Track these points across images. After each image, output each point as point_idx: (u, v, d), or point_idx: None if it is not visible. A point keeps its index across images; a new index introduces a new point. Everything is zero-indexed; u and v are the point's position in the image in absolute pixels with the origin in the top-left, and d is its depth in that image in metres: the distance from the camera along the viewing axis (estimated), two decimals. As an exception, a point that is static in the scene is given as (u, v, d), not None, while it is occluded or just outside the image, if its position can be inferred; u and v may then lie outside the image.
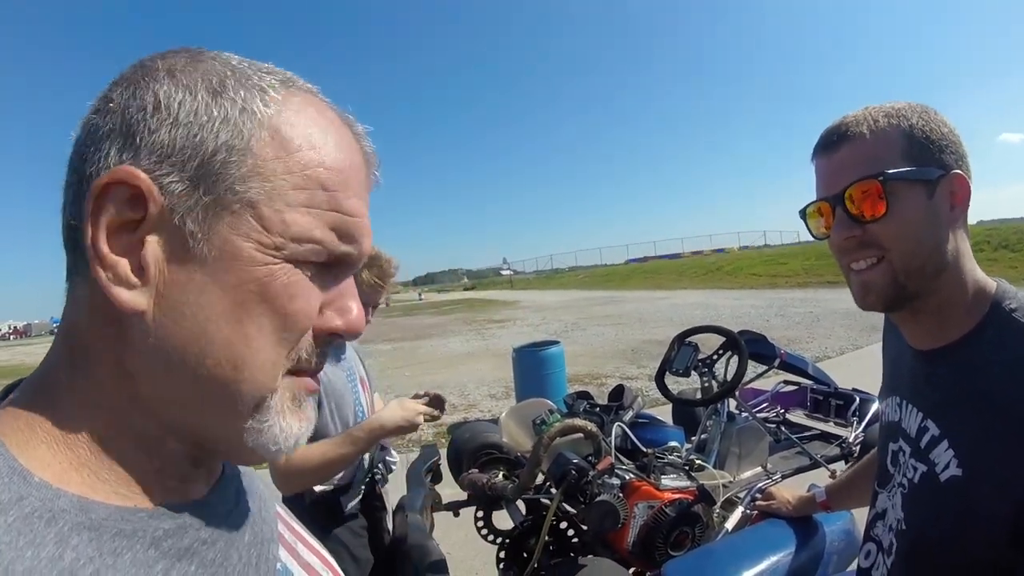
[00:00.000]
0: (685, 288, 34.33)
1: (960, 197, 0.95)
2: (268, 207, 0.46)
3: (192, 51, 0.49)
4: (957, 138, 0.96)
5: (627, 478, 1.89)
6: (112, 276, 0.43)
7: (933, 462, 0.96)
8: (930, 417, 0.99)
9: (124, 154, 0.44)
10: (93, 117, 0.46)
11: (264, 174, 0.47)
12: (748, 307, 19.47)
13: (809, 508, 1.82)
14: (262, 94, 0.48)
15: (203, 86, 0.46)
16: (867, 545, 1.17)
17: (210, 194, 0.45)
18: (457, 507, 2.42)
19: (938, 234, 0.94)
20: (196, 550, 0.48)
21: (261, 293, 0.47)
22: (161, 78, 0.46)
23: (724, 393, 2.41)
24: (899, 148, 0.94)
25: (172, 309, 0.45)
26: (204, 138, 0.45)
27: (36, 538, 0.38)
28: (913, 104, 0.98)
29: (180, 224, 0.45)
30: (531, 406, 2.55)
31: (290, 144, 0.48)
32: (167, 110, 0.45)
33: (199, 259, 0.45)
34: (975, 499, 0.88)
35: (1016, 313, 0.91)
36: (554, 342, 7.69)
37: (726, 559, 1.67)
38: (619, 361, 11.47)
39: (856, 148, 0.96)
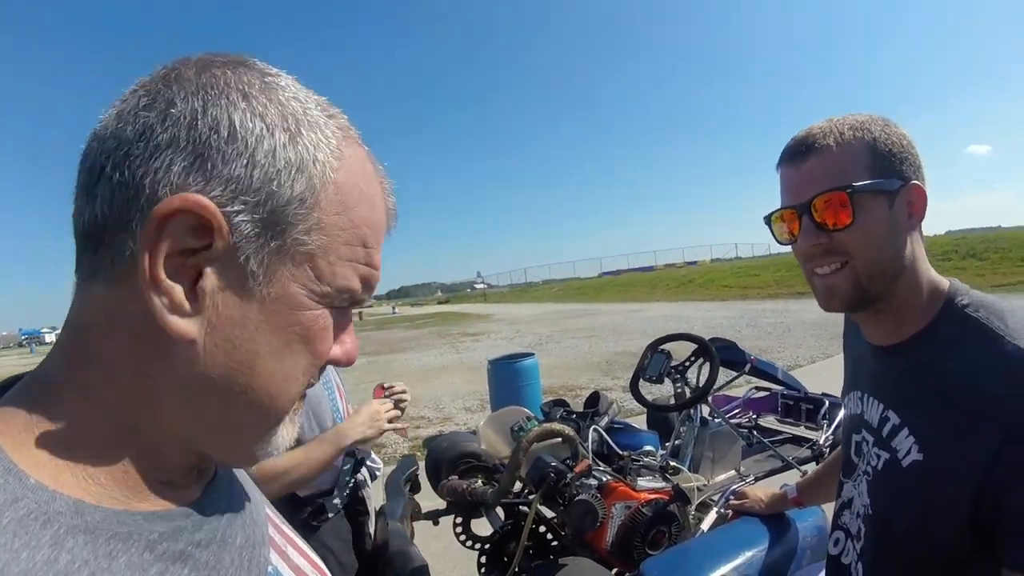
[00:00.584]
0: (658, 300, 34.53)
1: (917, 206, 1.00)
2: (323, 259, 0.49)
3: (258, 68, 0.49)
4: (914, 149, 1.01)
5: (604, 480, 1.92)
6: (168, 303, 0.44)
7: (895, 449, 1.01)
8: (891, 408, 1.04)
9: (191, 176, 0.44)
10: (146, 115, 0.44)
11: (324, 228, 0.49)
12: (720, 318, 19.64)
13: (781, 505, 1.87)
14: (329, 144, 0.50)
15: (279, 123, 0.47)
16: (835, 533, 1.22)
17: (277, 240, 0.47)
18: (436, 515, 2.43)
19: (898, 240, 0.99)
20: (190, 553, 0.48)
21: (304, 335, 0.50)
22: (235, 99, 0.46)
23: (697, 398, 2.45)
24: (863, 160, 0.98)
25: (225, 341, 0.46)
26: (280, 184, 0.46)
27: (32, 540, 0.38)
28: (875, 116, 1.02)
29: (243, 263, 0.46)
30: (509, 414, 2.58)
31: (348, 202, 0.50)
32: (244, 142, 0.45)
33: (256, 298, 0.47)
34: (935, 483, 0.92)
35: (968, 308, 0.97)
36: (528, 354, 7.70)
37: (702, 556, 1.70)
38: (593, 373, 11.50)
39: (823, 160, 1.00)
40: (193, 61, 0.48)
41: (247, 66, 0.49)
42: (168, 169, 0.43)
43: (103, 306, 0.46)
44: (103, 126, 0.46)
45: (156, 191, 0.43)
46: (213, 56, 0.49)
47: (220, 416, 0.49)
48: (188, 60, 0.48)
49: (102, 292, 0.46)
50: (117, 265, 0.44)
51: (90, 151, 0.46)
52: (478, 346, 18.99)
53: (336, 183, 0.50)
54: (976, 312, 0.96)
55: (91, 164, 0.45)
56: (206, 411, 0.48)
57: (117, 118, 0.45)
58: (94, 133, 0.46)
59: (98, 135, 0.46)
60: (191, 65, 0.47)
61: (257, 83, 0.48)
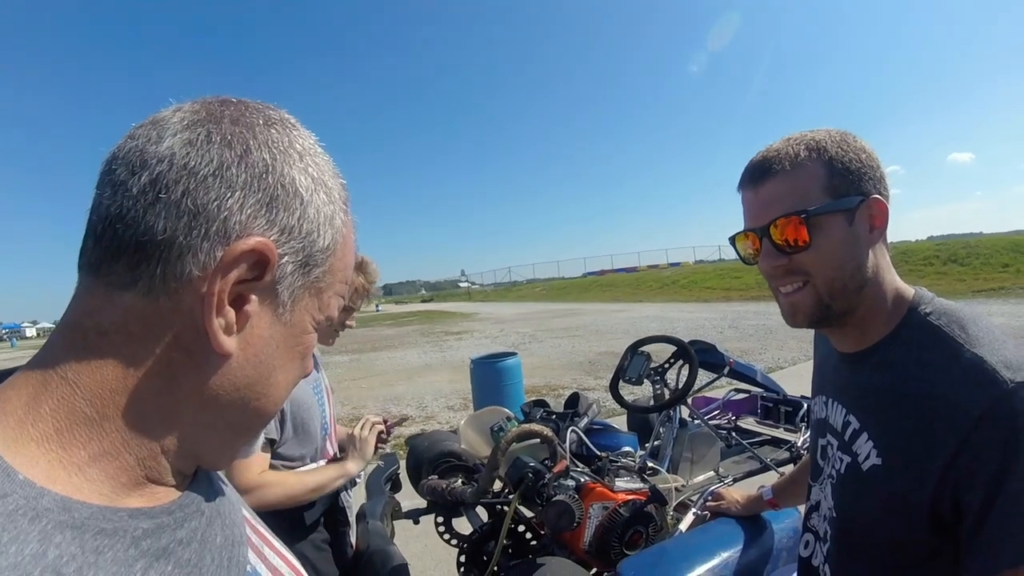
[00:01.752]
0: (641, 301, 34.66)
1: (879, 219, 1.01)
2: (326, 294, 0.59)
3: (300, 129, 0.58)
4: (874, 162, 1.02)
5: (582, 480, 1.93)
6: (224, 324, 0.50)
7: (856, 453, 1.03)
8: (852, 412, 1.07)
9: (258, 219, 0.51)
10: (223, 154, 0.50)
11: (333, 270, 0.59)
12: (703, 319, 19.76)
13: (757, 507, 1.89)
14: (344, 208, 0.60)
15: (321, 182, 0.56)
16: (805, 536, 1.24)
17: (305, 277, 0.56)
18: (417, 515, 2.43)
19: (858, 256, 1.01)
20: (173, 550, 0.49)
21: (302, 352, 0.60)
22: (295, 158, 0.54)
23: (676, 400, 2.47)
24: (820, 181, 1.00)
25: (254, 357, 0.54)
26: (318, 236, 0.56)
27: (20, 535, 0.39)
28: (832, 133, 1.04)
29: (279, 292, 0.54)
30: (489, 414, 2.59)
31: (346, 252, 0.61)
32: (300, 198, 0.54)
33: (281, 322, 0.55)
34: (894, 486, 0.95)
35: (930, 317, 0.99)
36: (511, 354, 7.69)
37: (679, 556, 1.71)
38: (576, 372, 11.54)
39: (780, 183, 1.02)
40: (255, 110, 0.55)
41: (297, 129, 0.57)
42: (241, 209, 0.50)
43: (138, 314, 0.48)
44: (167, 149, 0.49)
45: (227, 225, 0.49)
46: (267, 109, 0.56)
47: (230, 420, 0.55)
48: (248, 107, 0.55)
49: (137, 301, 0.48)
50: (169, 281, 0.48)
51: (146, 165, 0.48)
52: (461, 345, 18.98)
53: (343, 236, 0.60)
54: (938, 320, 0.98)
55: (152, 181, 0.48)
56: (222, 416, 0.54)
57: (187, 146, 0.49)
58: (154, 152, 0.49)
59: (161, 155, 0.49)
60: (255, 115, 0.54)
61: (307, 146, 0.57)
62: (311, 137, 0.58)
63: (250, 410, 0.56)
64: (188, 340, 0.49)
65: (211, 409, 0.53)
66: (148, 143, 0.49)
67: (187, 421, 0.52)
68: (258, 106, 0.56)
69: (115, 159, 0.50)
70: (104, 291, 0.48)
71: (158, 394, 0.49)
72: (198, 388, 0.51)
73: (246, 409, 0.55)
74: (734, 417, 3.63)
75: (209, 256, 0.48)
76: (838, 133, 1.04)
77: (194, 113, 0.52)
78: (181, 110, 0.52)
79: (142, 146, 0.49)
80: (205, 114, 0.52)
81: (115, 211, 0.48)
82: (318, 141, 0.59)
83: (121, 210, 0.48)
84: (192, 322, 0.49)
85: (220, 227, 0.49)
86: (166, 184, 0.48)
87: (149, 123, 0.51)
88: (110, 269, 0.48)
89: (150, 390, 0.49)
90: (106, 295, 0.48)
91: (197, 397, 0.51)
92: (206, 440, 0.55)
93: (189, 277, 0.48)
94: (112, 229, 0.48)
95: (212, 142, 0.50)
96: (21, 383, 0.47)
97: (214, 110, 0.52)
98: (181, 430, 0.52)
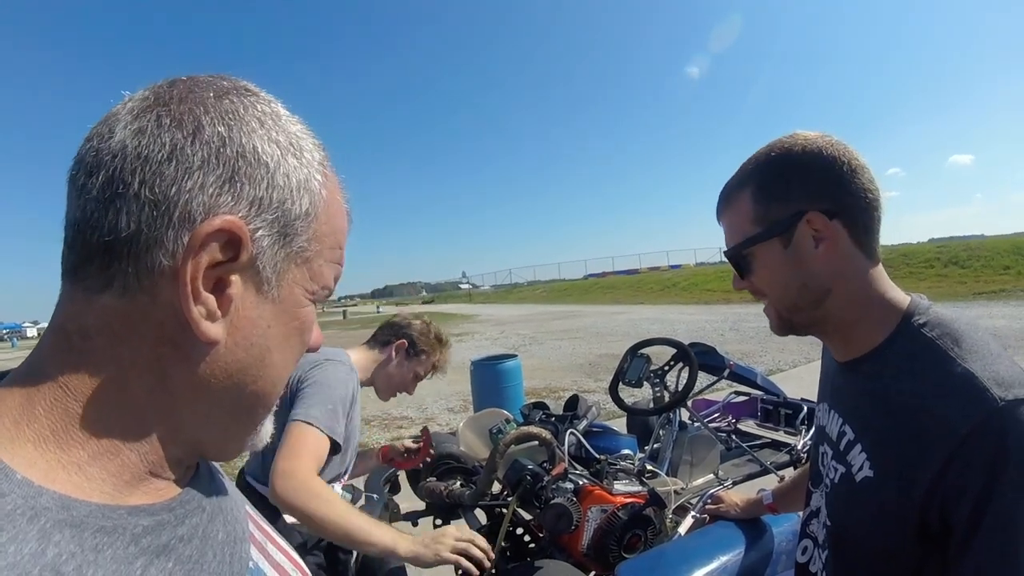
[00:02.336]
0: (642, 303, 34.67)
1: (824, 232, 1.00)
2: (316, 263, 0.56)
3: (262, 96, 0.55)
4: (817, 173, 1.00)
5: (580, 483, 1.92)
6: (204, 312, 0.48)
7: (850, 463, 1.02)
8: (847, 422, 1.06)
9: (222, 196, 0.48)
10: (175, 136, 0.47)
11: (319, 237, 0.56)
12: (703, 322, 19.77)
13: (757, 511, 1.88)
14: (319, 164, 0.56)
15: (288, 148, 0.53)
16: (804, 541, 1.23)
17: (288, 248, 0.53)
18: (415, 517, 2.43)
19: (803, 273, 1.02)
20: (173, 547, 0.49)
21: (300, 327, 0.57)
22: (254, 126, 0.51)
23: (676, 402, 2.46)
24: (747, 215, 1.05)
25: (243, 339, 0.52)
26: (292, 203, 0.53)
27: (19, 534, 0.39)
28: (773, 147, 1.05)
29: (260, 270, 0.52)
30: (488, 416, 2.58)
31: (332, 213, 0.58)
32: (265, 167, 0.51)
33: (269, 299, 0.53)
34: (885, 498, 0.94)
35: (924, 328, 0.97)
36: (511, 356, 7.70)
37: (678, 560, 1.71)
38: (576, 375, 11.55)
39: (725, 219, 1.11)
40: (205, 83, 0.52)
41: (254, 94, 0.54)
42: (202, 189, 0.47)
43: (117, 314, 0.47)
44: (119, 142, 0.47)
45: (190, 209, 0.47)
46: (220, 80, 0.53)
47: (229, 407, 0.54)
48: (198, 82, 0.52)
49: (115, 301, 0.47)
50: (142, 277, 0.47)
51: (101, 164, 0.47)
52: (462, 346, 18.96)
53: (326, 200, 0.57)
54: (931, 332, 0.96)
55: (108, 179, 0.47)
56: (218, 403, 0.53)
57: (138, 135, 0.47)
58: (107, 147, 0.47)
59: (114, 150, 0.47)
60: (205, 88, 0.51)
61: (268, 111, 0.53)
62: (273, 102, 0.55)
63: (248, 394, 0.54)
64: (173, 332, 0.48)
65: (207, 398, 0.52)
66: (101, 141, 0.48)
67: (185, 413, 0.51)
68: (208, 79, 0.53)
69: (75, 164, 0.49)
70: (83, 295, 0.48)
71: (151, 389, 0.49)
72: (190, 379, 0.50)
73: (244, 394, 0.54)
74: (734, 420, 3.63)
75: (177, 244, 0.46)
76: (775, 147, 1.05)
77: (143, 100, 0.50)
78: (132, 99, 0.50)
79: (96, 145, 0.48)
80: (153, 99, 0.49)
81: (80, 216, 0.47)
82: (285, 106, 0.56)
83: (85, 213, 0.47)
84: (174, 314, 0.47)
85: (183, 212, 0.47)
86: (123, 178, 0.46)
87: (102, 120, 0.50)
88: (85, 273, 0.48)
89: (142, 386, 0.48)
90: (85, 299, 0.48)
91: (191, 388, 0.51)
92: (208, 430, 0.54)
93: (161, 269, 0.47)
94: (80, 235, 0.47)
95: (162, 126, 0.47)
96: (14, 386, 0.47)
97: (162, 93, 0.50)
98: (180, 422, 0.51)
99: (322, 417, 1.80)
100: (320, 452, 1.76)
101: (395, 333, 2.33)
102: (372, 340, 2.36)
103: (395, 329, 2.35)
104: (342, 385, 1.96)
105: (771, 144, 1.05)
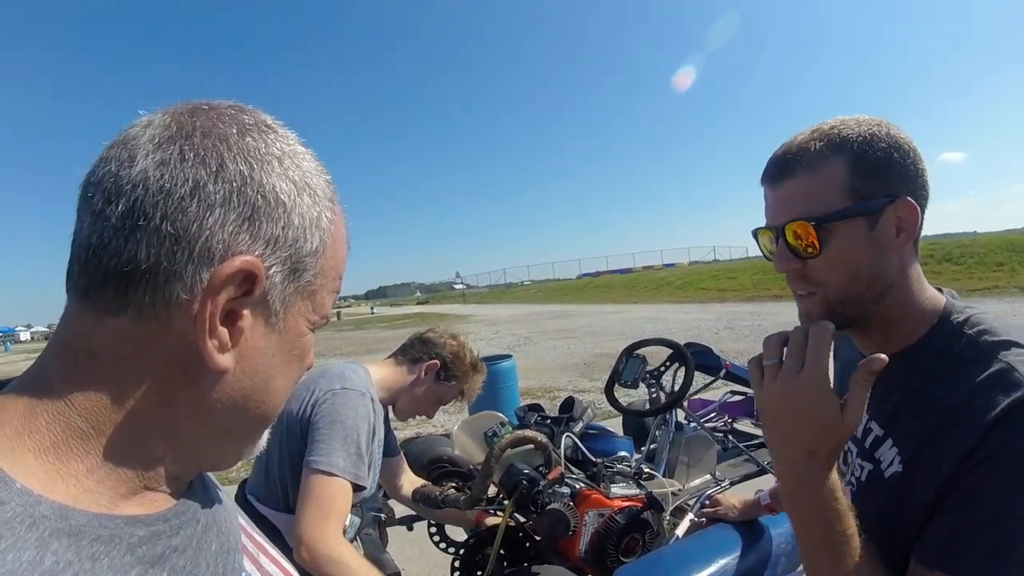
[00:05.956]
0: (636, 302, 34.73)
1: (908, 222, 0.95)
2: (319, 295, 0.58)
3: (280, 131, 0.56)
4: (910, 159, 0.96)
5: (577, 487, 1.91)
6: (217, 344, 0.49)
7: (878, 460, 1.00)
8: (874, 419, 1.03)
9: (241, 234, 0.49)
10: (197, 172, 0.48)
11: (323, 271, 0.58)
12: (698, 320, 19.77)
13: (755, 512, 1.87)
14: (330, 205, 0.58)
15: (303, 186, 0.54)
16: None
17: (295, 283, 0.55)
18: (411, 521, 2.41)
19: (879, 262, 0.96)
20: (168, 557, 0.49)
21: (300, 354, 0.59)
22: (274, 165, 0.52)
23: (672, 403, 2.45)
24: (839, 183, 0.94)
25: (250, 368, 0.54)
26: (305, 241, 0.54)
27: (17, 541, 0.39)
28: (863, 124, 0.97)
29: (270, 302, 0.53)
30: (483, 419, 2.57)
31: (336, 248, 0.60)
32: (283, 207, 0.52)
33: (276, 330, 0.55)
34: (915, 494, 0.92)
35: (964, 326, 0.95)
36: (506, 356, 7.67)
37: (676, 564, 1.69)
38: (572, 375, 11.53)
39: (797, 183, 0.97)
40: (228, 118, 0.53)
41: (274, 131, 0.55)
42: (222, 227, 0.48)
43: (130, 338, 0.48)
44: (141, 172, 0.48)
45: (210, 246, 0.48)
46: (241, 114, 0.54)
47: (231, 429, 0.56)
48: (221, 115, 0.53)
49: (128, 326, 0.48)
50: (158, 306, 0.48)
51: (120, 192, 0.47)
52: (457, 347, 18.92)
53: (332, 236, 0.58)
54: (971, 329, 0.94)
55: (129, 209, 0.47)
56: (220, 426, 0.55)
57: (160, 167, 0.48)
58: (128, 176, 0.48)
59: (135, 179, 0.47)
60: (229, 124, 0.52)
61: (286, 149, 0.55)
62: (290, 138, 0.56)
63: (251, 417, 0.56)
64: (182, 359, 0.50)
65: (210, 421, 0.53)
66: (121, 167, 0.48)
67: (187, 434, 0.53)
68: (231, 112, 0.54)
69: (90, 184, 0.50)
70: (94, 315, 0.49)
71: (156, 411, 0.50)
72: (196, 403, 0.52)
73: (246, 417, 0.56)
74: (731, 420, 3.62)
75: (195, 279, 0.48)
76: (870, 124, 0.97)
77: (165, 128, 0.50)
78: (151, 125, 0.50)
79: (116, 170, 0.48)
80: (176, 128, 0.50)
81: (96, 240, 0.48)
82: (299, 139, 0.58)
83: (103, 240, 0.48)
84: (185, 343, 0.49)
85: (203, 248, 0.48)
86: (144, 210, 0.47)
87: (120, 143, 0.50)
88: (99, 296, 0.48)
89: (147, 407, 0.49)
90: (96, 319, 0.49)
91: (195, 412, 0.52)
92: (208, 448, 0.56)
93: (178, 301, 0.48)
94: (96, 258, 0.48)
95: (186, 160, 0.48)
96: (17, 396, 0.48)
97: (184, 123, 0.50)
98: (181, 442, 0.53)
99: (347, 465, 1.68)
100: (346, 506, 1.68)
101: (427, 351, 2.13)
102: (401, 354, 2.18)
103: (428, 347, 2.14)
104: (363, 420, 1.79)
105: (855, 119, 0.98)
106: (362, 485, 1.72)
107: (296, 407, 1.77)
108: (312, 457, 1.67)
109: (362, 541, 2.03)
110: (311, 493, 1.62)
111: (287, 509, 1.77)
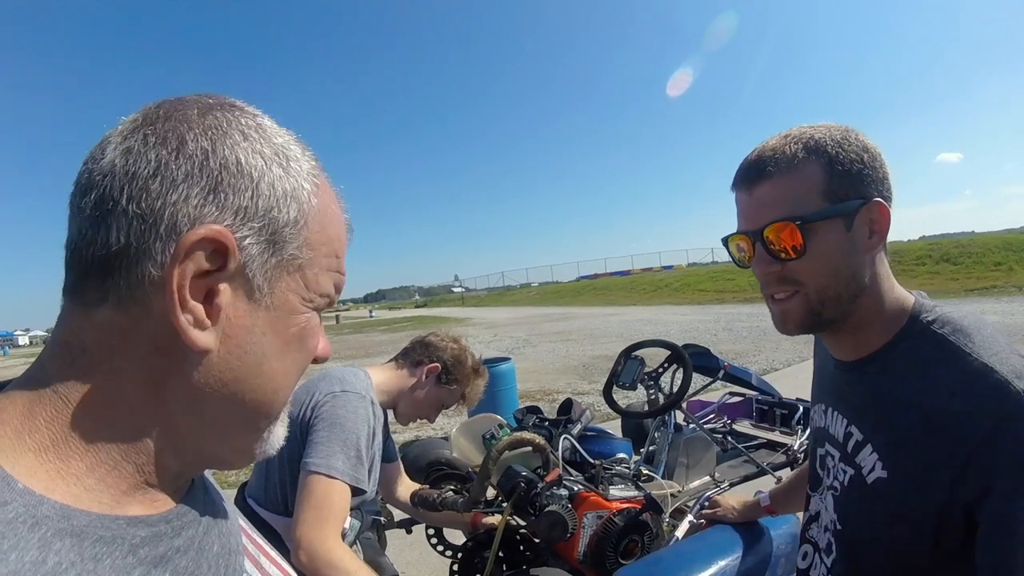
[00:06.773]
0: (635, 304, 34.74)
1: (880, 224, 0.97)
2: (310, 270, 0.57)
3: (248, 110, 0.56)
4: (877, 162, 0.98)
5: (576, 489, 1.91)
6: (192, 320, 0.49)
7: (860, 465, 1.00)
8: (854, 423, 1.03)
9: (207, 206, 0.49)
10: (160, 152, 0.49)
11: (311, 244, 0.56)
12: (696, 322, 19.79)
13: (754, 513, 1.86)
14: (309, 174, 0.57)
15: (274, 159, 0.54)
16: (804, 547, 1.21)
17: (276, 256, 0.54)
18: (409, 524, 2.41)
19: (855, 262, 0.97)
20: (170, 558, 0.50)
21: (299, 335, 0.57)
22: (237, 139, 0.52)
23: (671, 405, 2.45)
24: (817, 185, 0.96)
25: (237, 348, 0.53)
26: (279, 211, 0.53)
27: (20, 542, 0.40)
28: (833, 130, 0.99)
29: (251, 278, 0.52)
30: (481, 421, 2.56)
31: (325, 220, 0.58)
32: (249, 177, 0.52)
33: (262, 307, 0.54)
34: (900, 499, 0.92)
35: (933, 325, 0.96)
36: (505, 359, 7.68)
37: (675, 565, 1.69)
38: (570, 377, 11.53)
39: (775, 186, 0.98)
40: (191, 102, 0.53)
41: (239, 109, 0.55)
42: (186, 201, 0.49)
43: (114, 328, 0.49)
44: (109, 162, 0.49)
45: (176, 221, 0.48)
46: (206, 98, 0.55)
47: (228, 417, 0.55)
48: (184, 101, 0.54)
49: (111, 314, 0.49)
50: (134, 289, 0.48)
51: (93, 184, 0.49)
52: (455, 350, 18.92)
53: (317, 207, 0.57)
54: (941, 329, 0.95)
55: (100, 197, 0.48)
56: (215, 413, 0.54)
57: (125, 154, 0.49)
58: (98, 168, 0.49)
59: (104, 170, 0.49)
60: (190, 106, 0.53)
61: (252, 124, 0.54)
62: (258, 116, 0.57)
63: (246, 403, 0.55)
64: (166, 343, 0.49)
65: (203, 408, 0.53)
66: (95, 163, 0.50)
67: (182, 423, 0.52)
68: (195, 97, 0.55)
69: (74, 187, 0.51)
70: (81, 310, 0.50)
71: (147, 401, 0.50)
72: (185, 389, 0.51)
73: (242, 404, 0.55)
74: (729, 421, 3.61)
75: (165, 255, 0.48)
76: (839, 130, 0.99)
77: (132, 122, 0.52)
78: (123, 122, 0.52)
79: (90, 167, 0.50)
80: (141, 119, 0.51)
81: (76, 235, 0.49)
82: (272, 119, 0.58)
83: (81, 232, 0.49)
84: (166, 325, 0.48)
85: (169, 224, 0.48)
86: (112, 195, 0.48)
87: (97, 144, 0.52)
88: (83, 289, 0.49)
89: (139, 398, 0.50)
90: (84, 313, 0.49)
91: (186, 398, 0.51)
92: (208, 440, 0.55)
93: (151, 280, 0.48)
94: (77, 253, 0.49)
95: (148, 144, 0.49)
96: (16, 396, 0.48)
97: (149, 113, 0.52)
98: (178, 433, 0.52)
99: (346, 468, 1.67)
100: (345, 508, 1.66)
101: (428, 354, 2.12)
102: (402, 357, 2.18)
103: (429, 350, 2.14)
104: (363, 423, 1.79)
105: (824, 125, 1.00)
106: (361, 488, 1.71)
107: (296, 411, 1.76)
108: (311, 459, 1.66)
109: (361, 544, 2.02)
110: (309, 495, 1.61)
111: (287, 513, 1.76)
